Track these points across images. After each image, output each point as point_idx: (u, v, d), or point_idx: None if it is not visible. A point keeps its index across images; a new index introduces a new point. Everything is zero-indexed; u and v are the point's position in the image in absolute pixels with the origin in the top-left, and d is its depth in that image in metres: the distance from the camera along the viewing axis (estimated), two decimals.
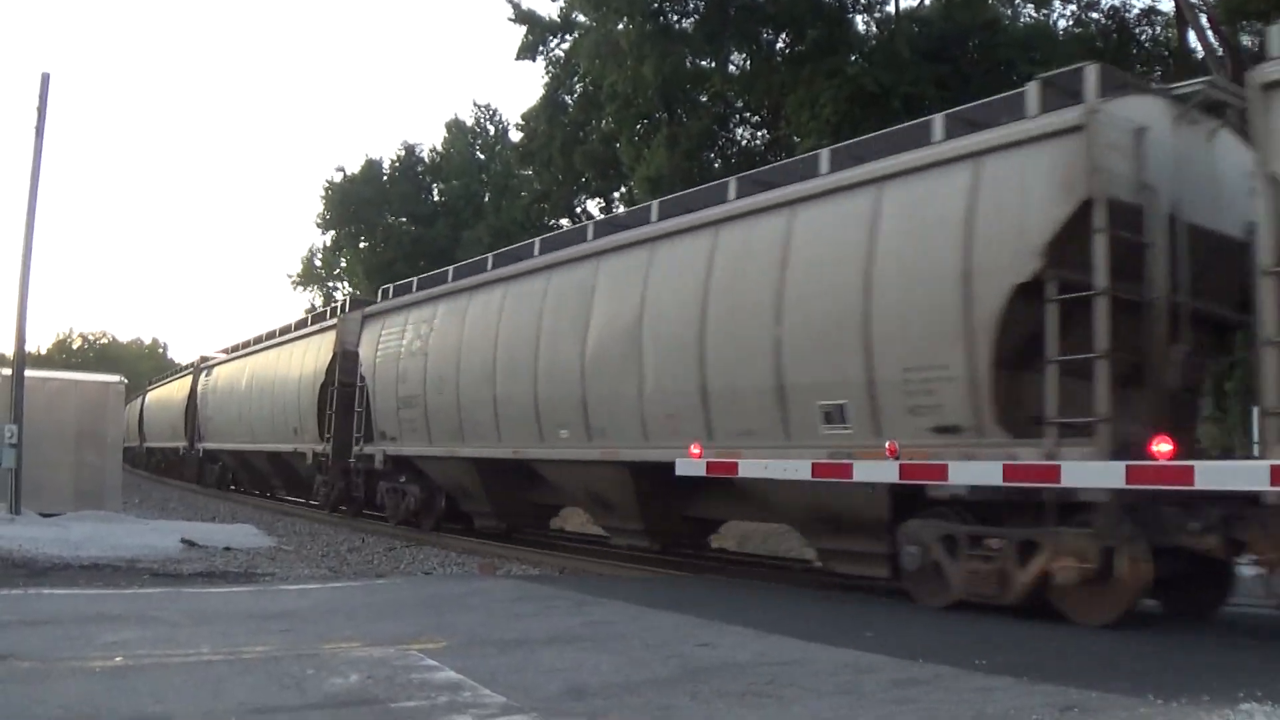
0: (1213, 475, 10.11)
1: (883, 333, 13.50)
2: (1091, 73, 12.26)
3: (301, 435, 32.47)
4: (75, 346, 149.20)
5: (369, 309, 28.88)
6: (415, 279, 27.46)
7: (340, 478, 29.97)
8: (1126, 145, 12.02)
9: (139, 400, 67.22)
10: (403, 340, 25.30)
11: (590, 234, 20.33)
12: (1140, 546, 11.05)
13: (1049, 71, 13.81)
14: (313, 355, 32.27)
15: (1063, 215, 11.70)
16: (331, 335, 30.83)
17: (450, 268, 25.88)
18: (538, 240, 22.22)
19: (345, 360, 29.15)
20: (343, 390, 29.38)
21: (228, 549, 21.08)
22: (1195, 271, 12.45)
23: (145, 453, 65.53)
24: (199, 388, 47.27)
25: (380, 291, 29.65)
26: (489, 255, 24.13)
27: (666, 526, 19.31)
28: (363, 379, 27.45)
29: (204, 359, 49.55)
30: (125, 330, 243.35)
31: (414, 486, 25.91)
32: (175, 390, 55.70)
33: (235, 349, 44.70)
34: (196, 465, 48.70)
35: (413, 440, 24.89)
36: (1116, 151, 11.86)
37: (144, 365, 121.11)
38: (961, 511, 12.87)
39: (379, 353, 26.48)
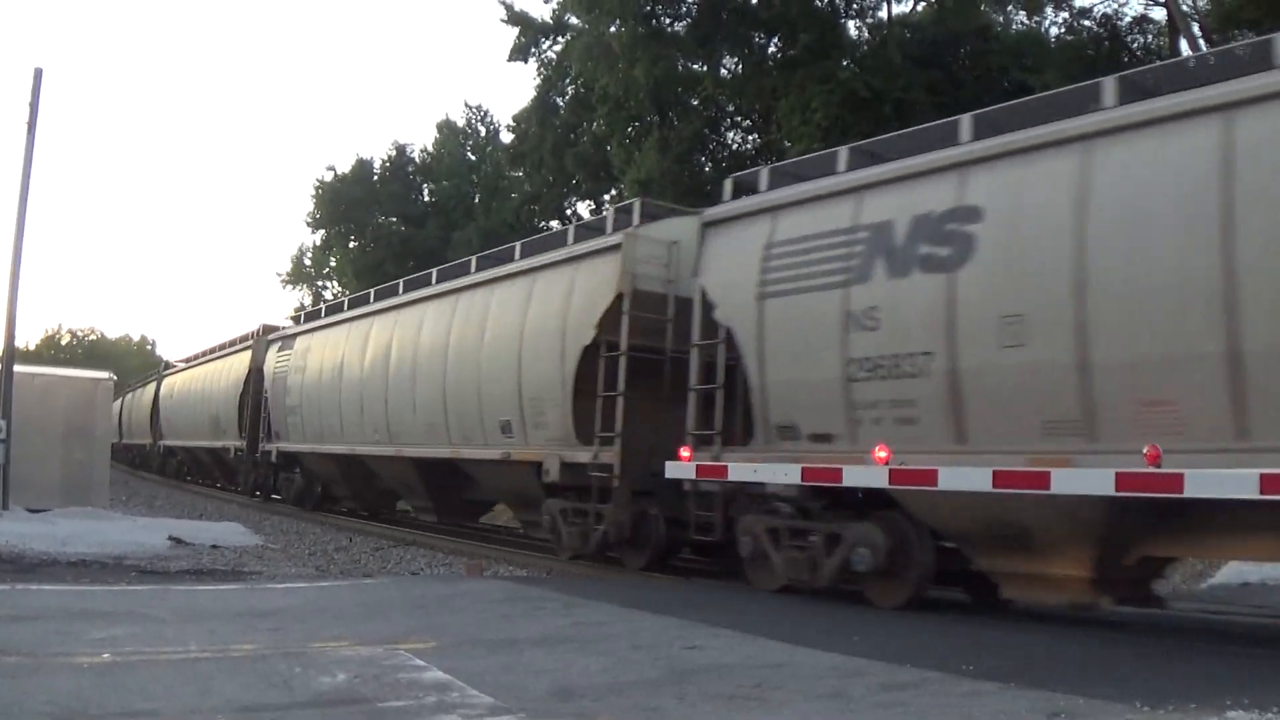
0: (1203, 483, 10.02)
1: None
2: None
3: (526, 433, 19.92)
4: (64, 342, 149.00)
5: (718, 210, 16.61)
6: (912, 129, 15.44)
7: (628, 506, 17.99)
8: None
9: (150, 388, 57.06)
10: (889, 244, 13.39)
11: None
12: None
13: (1041, 79, 13.90)
14: (583, 298, 18.81)
15: None
16: (612, 261, 18.23)
17: (1009, 105, 13.56)
18: None
19: (642, 304, 17.83)
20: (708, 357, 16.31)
21: (215, 547, 21.07)
22: None
23: (161, 454, 54.14)
24: (268, 369, 33.94)
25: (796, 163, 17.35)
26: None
27: None
28: (726, 336, 15.52)
29: (268, 329, 37.56)
30: (113, 327, 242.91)
31: (874, 530, 13.41)
32: (216, 374, 41.83)
33: (333, 309, 32.59)
34: (265, 473, 35.74)
35: (919, 439, 12.97)
36: None
37: (132, 362, 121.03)
38: None
39: (787, 267, 14.77)
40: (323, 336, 30.79)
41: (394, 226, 69.76)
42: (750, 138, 46.99)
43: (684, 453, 15.67)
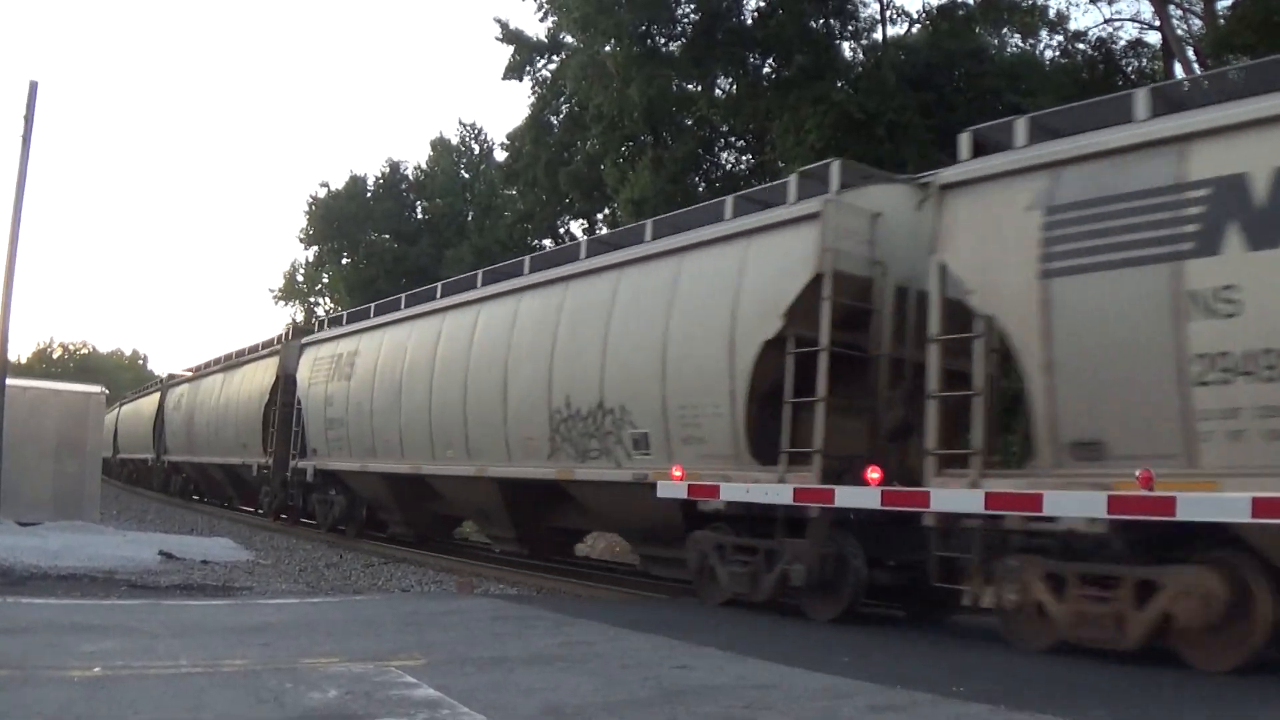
0: (1194, 507, 10.02)
1: None
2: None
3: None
4: (56, 356, 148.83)
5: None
6: None
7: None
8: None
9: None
10: None
11: None
12: None
13: (1036, 102, 14.13)
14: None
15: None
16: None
17: None
18: None
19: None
20: None
21: (205, 562, 21.03)
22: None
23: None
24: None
25: None
26: None
27: None
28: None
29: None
30: (105, 341, 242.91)
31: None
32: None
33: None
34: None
35: None
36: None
37: (124, 376, 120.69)
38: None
39: None
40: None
41: (387, 243, 69.76)
42: (744, 158, 47.02)
43: (675, 472, 15.64)
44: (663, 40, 41.01)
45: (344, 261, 73.12)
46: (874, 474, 13.06)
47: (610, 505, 18.64)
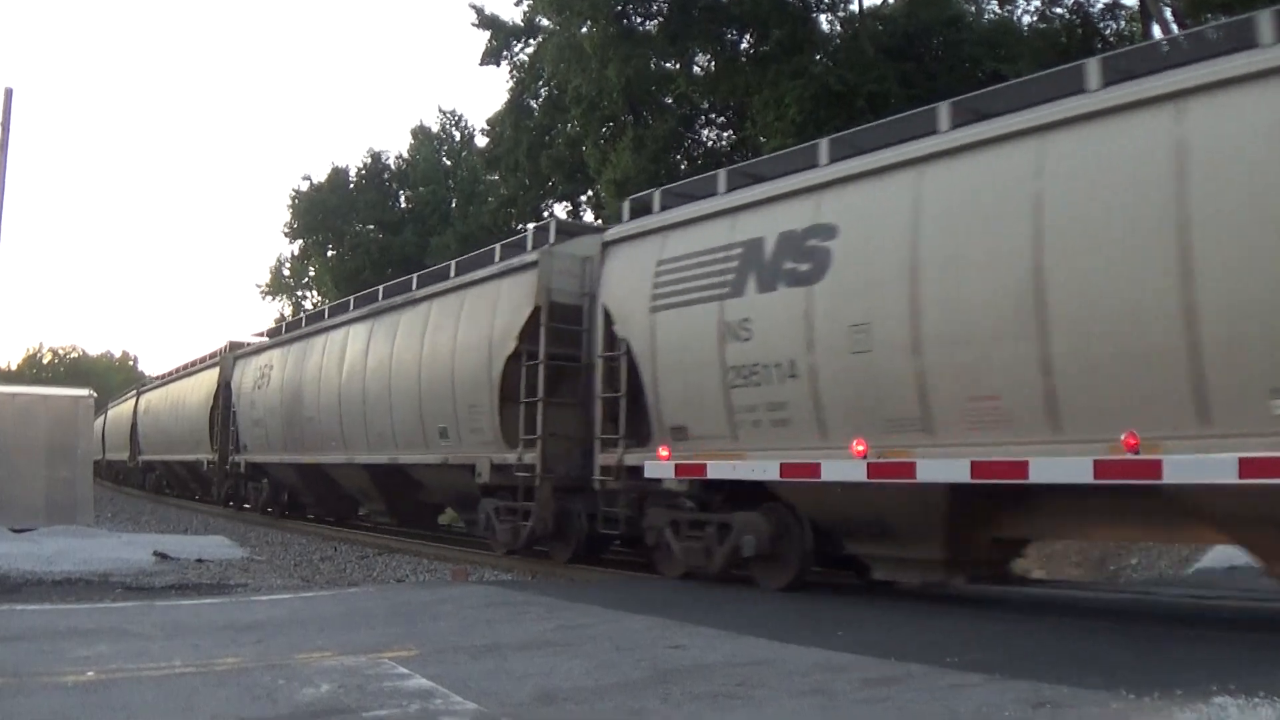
0: (1181, 468, 10.01)
1: None
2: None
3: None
4: (45, 361, 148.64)
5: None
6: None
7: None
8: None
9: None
10: None
11: None
12: None
13: (1014, 68, 14.06)
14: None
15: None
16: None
17: None
18: None
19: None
20: None
21: (200, 561, 20.97)
22: None
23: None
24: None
25: None
26: None
27: None
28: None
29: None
30: (95, 344, 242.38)
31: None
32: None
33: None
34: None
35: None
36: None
37: (115, 378, 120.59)
38: None
39: None
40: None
41: (371, 234, 69.57)
42: (725, 135, 46.96)
43: (662, 451, 15.66)
44: (639, 19, 40.93)
45: (329, 254, 72.97)
46: None
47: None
